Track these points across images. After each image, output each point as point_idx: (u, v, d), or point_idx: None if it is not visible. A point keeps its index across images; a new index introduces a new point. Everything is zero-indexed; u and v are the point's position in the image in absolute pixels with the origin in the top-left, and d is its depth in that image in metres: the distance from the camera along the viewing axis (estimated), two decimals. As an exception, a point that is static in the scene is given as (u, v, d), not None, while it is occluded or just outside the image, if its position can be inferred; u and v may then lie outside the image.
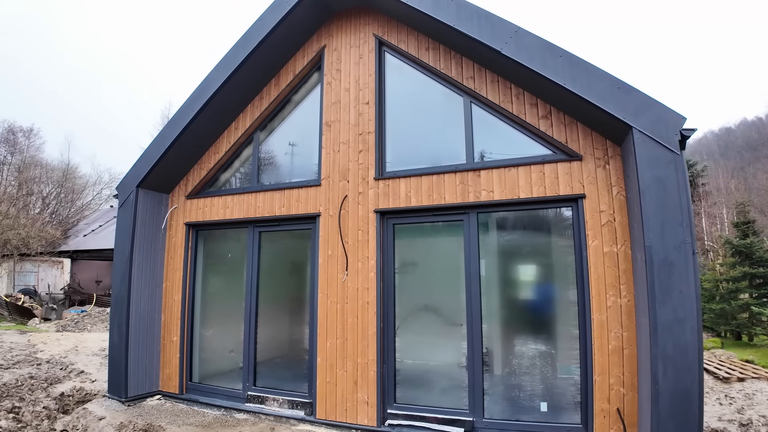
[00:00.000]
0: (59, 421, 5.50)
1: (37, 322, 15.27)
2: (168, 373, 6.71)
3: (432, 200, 5.48)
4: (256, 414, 6.00)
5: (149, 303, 6.68)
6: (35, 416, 5.53)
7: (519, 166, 5.15)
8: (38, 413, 5.60)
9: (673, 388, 3.94)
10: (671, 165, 4.17)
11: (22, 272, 19.94)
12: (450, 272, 5.53)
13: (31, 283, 19.74)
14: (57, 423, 5.47)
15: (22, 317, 15.75)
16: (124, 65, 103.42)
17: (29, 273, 19.90)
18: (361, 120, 6.00)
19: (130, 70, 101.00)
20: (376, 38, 6.12)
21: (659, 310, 4.04)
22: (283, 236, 6.53)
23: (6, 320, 15.14)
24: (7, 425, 5.08)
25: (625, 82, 4.42)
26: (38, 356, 8.17)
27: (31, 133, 34.69)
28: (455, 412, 5.14)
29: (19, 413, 5.45)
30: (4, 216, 17.90)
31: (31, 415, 5.51)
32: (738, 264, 13.69)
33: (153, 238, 6.82)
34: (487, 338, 5.19)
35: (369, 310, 5.57)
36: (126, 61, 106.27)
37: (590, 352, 4.65)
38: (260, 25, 6.13)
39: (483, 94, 5.42)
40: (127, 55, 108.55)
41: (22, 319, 15.51)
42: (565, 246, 5.03)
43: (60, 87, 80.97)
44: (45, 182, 29.94)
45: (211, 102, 6.34)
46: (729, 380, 7.92)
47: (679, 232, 4.08)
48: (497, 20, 4.92)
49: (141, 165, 6.64)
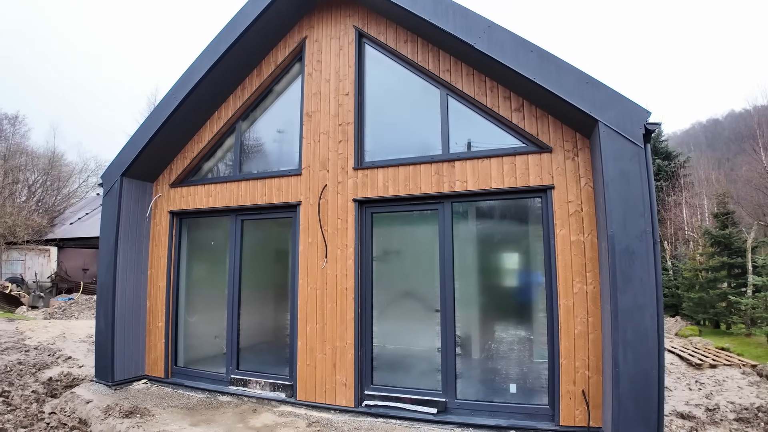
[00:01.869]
0: (48, 404, 5.62)
1: (24, 310, 15.26)
2: (154, 357, 6.84)
3: (408, 190, 5.60)
4: (239, 396, 6.15)
5: (134, 290, 6.78)
6: (24, 400, 5.64)
7: (492, 158, 5.28)
8: (27, 397, 5.72)
9: (633, 371, 4.13)
10: (635, 158, 4.31)
11: (9, 261, 19.78)
12: (426, 260, 5.67)
13: (18, 271, 19.63)
14: (45, 406, 5.59)
15: (10, 305, 15.72)
16: (110, 52, 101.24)
17: (16, 261, 19.75)
18: (341, 111, 6.08)
19: (116, 57, 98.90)
20: (356, 30, 6.18)
21: (620, 297, 4.20)
22: (265, 224, 6.64)
23: None
24: (-4, 408, 5.22)
25: (592, 77, 4.54)
26: (26, 343, 8.26)
27: (17, 120, 33.91)
28: (429, 393, 5.33)
29: (8, 397, 5.56)
30: None
31: (20, 398, 5.63)
32: (717, 254, 13.97)
33: (138, 226, 6.90)
34: (460, 323, 5.36)
35: (347, 296, 5.72)
36: (111, 47, 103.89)
37: (557, 336, 4.82)
38: (242, 15, 6.16)
39: (459, 86, 5.52)
40: (113, 41, 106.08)
41: (10, 308, 15.48)
42: (536, 235, 5.18)
43: (44, 73, 78.99)
44: (31, 170, 29.57)
45: (194, 91, 6.38)
46: (701, 367, 8.17)
47: (641, 222, 4.23)
48: (472, 15, 5.01)
49: (125, 154, 6.69)
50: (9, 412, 5.23)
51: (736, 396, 6.33)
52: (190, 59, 6.53)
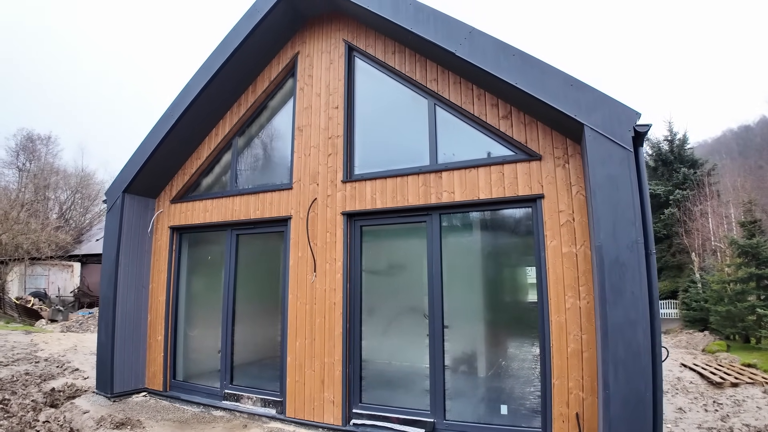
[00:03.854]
0: (43, 413, 5.57)
1: (43, 323, 15.61)
2: (153, 371, 6.74)
3: (396, 202, 5.33)
4: (231, 411, 5.95)
5: (136, 303, 6.73)
6: (21, 408, 5.61)
7: (479, 167, 4.96)
8: (25, 406, 5.69)
9: (625, 393, 3.69)
10: (624, 162, 3.93)
11: (33, 275, 20.30)
12: (416, 274, 5.36)
13: (41, 286, 20.08)
14: (41, 415, 5.54)
15: (31, 318, 16.12)
16: (132, 69, 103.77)
17: (40, 276, 20.24)
18: (331, 124, 5.91)
19: (138, 74, 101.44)
20: (346, 43, 6.03)
21: (610, 311, 3.79)
22: (259, 239, 6.49)
23: (16, 321, 15.57)
24: (-7, 415, 5.20)
25: (578, 79, 4.20)
26: (38, 354, 8.36)
27: (49, 140, 35.51)
28: (417, 413, 4.97)
29: (7, 405, 5.55)
30: (15, 221, 18.40)
31: (18, 407, 5.60)
32: (744, 265, 13.01)
33: (140, 241, 6.88)
34: (449, 340, 5.00)
35: (336, 311, 5.46)
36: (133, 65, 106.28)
37: (549, 354, 4.41)
38: (235, 33, 6.11)
39: (446, 96, 5.26)
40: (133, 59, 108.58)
41: (30, 321, 15.88)
42: (527, 247, 4.81)
43: (72, 93, 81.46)
44: (63, 188, 30.66)
45: (191, 109, 6.35)
46: (722, 385, 7.48)
47: (631, 231, 3.83)
48: (453, 22, 4.76)
49: (127, 171, 6.70)
50: (4, 419, 5.20)
51: (753, 417, 5.70)
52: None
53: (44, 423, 5.12)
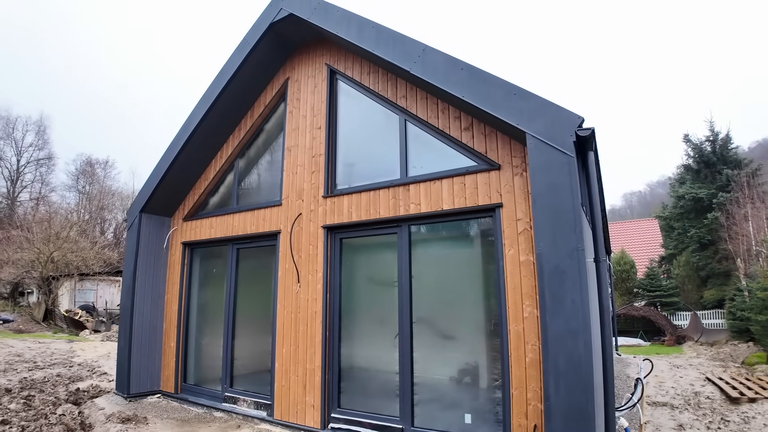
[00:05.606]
0: (61, 407, 6.08)
1: (87, 333, 16.85)
2: (167, 374, 7.16)
3: (369, 215, 5.40)
4: (229, 413, 6.19)
5: (152, 313, 7.21)
6: (43, 403, 6.16)
7: (443, 179, 4.94)
8: (47, 401, 6.24)
9: (566, 406, 3.52)
10: (564, 168, 3.79)
11: (83, 290, 21.52)
12: (389, 283, 5.38)
13: (90, 300, 21.27)
14: (59, 409, 6.04)
15: (77, 329, 17.45)
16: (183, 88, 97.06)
17: (89, 291, 21.47)
18: (315, 143, 6.11)
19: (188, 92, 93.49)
20: (328, 67, 6.24)
21: (551, 321, 3.65)
22: (255, 252, 6.76)
23: (64, 332, 16.95)
24: (15, 407, 5.75)
25: (522, 89, 4.12)
26: (73, 360, 9.08)
27: (107, 164, 38.28)
28: (389, 420, 4.94)
29: (31, 401, 6.13)
30: (65, 240, 20.02)
31: (40, 402, 6.16)
32: (789, 271, 11.74)
33: (156, 256, 7.39)
34: (418, 348, 4.97)
35: (317, 320, 5.58)
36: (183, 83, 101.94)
37: (507, 364, 4.26)
38: (230, 64, 6.51)
39: (414, 111, 5.30)
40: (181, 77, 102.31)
41: (76, 331, 17.18)
42: (489, 256, 4.71)
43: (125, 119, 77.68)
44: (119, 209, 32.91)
45: (196, 135, 6.80)
46: (739, 401, 6.80)
47: (572, 239, 3.68)
48: (408, 41, 4.83)
49: (143, 193, 7.26)
50: (23, 410, 5.73)
51: (756, 438, 5.14)
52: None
53: (60, 416, 5.59)
